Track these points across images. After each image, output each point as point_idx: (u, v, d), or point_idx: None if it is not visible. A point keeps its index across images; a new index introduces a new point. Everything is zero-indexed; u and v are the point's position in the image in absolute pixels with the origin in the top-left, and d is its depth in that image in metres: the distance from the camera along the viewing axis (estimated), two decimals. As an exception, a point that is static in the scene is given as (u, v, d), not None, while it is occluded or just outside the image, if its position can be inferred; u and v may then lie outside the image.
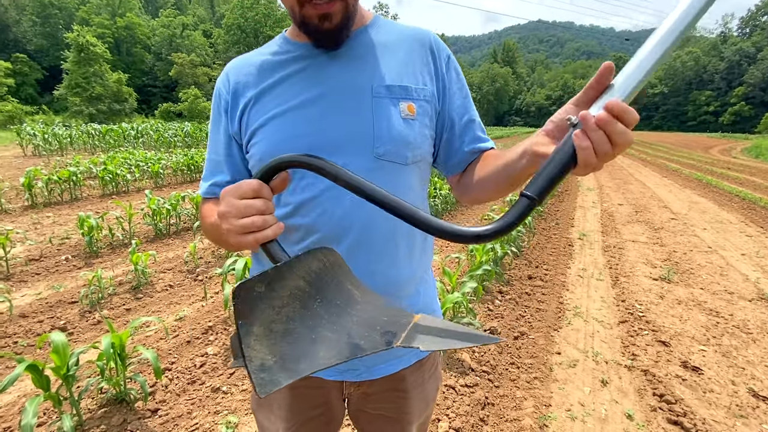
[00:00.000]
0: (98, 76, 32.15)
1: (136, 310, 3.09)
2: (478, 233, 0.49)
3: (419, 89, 0.74)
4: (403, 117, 0.71)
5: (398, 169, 0.72)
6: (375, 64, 0.73)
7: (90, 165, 8.52)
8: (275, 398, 0.83)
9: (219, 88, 0.79)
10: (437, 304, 0.89)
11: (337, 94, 0.71)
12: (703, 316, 3.17)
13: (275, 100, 0.72)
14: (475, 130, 0.81)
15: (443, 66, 0.78)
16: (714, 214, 7.11)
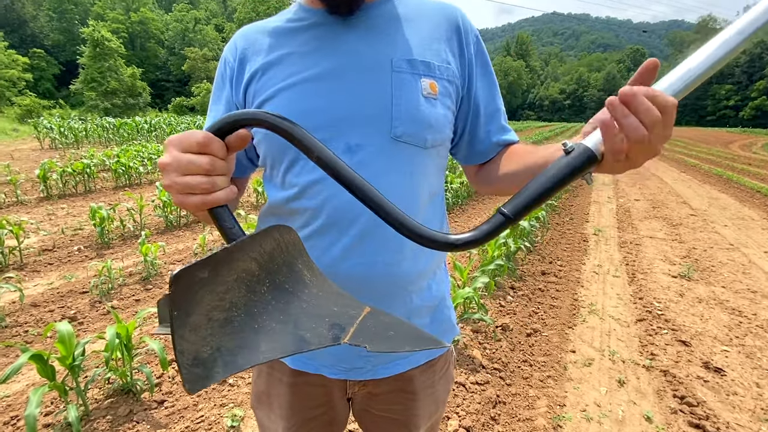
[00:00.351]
0: (113, 70, 32.60)
1: (146, 301, 3.09)
2: (452, 241, 0.47)
3: (443, 67, 0.67)
4: (424, 95, 0.64)
5: (416, 153, 0.65)
6: (396, 37, 0.66)
7: (104, 158, 8.62)
8: (275, 395, 0.78)
9: (226, 56, 0.72)
10: (449, 302, 0.82)
11: (353, 67, 0.64)
12: (725, 316, 3.04)
13: (286, 71, 0.65)
14: (501, 119, 0.74)
15: (471, 46, 0.71)
16: (735, 211, 6.88)
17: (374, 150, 0.63)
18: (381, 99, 0.63)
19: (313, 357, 0.73)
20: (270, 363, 0.77)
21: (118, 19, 42.98)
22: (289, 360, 0.74)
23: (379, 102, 0.63)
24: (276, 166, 0.68)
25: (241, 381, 2.19)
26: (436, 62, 0.66)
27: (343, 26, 0.67)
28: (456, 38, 0.70)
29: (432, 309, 0.76)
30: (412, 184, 0.66)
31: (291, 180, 0.66)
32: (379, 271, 0.66)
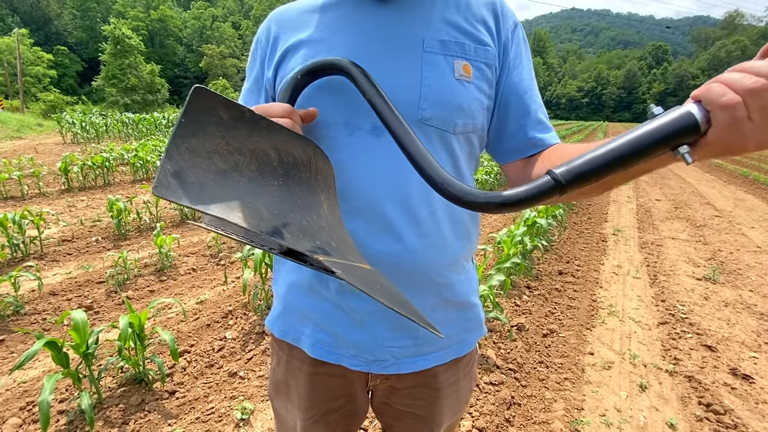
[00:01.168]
0: (133, 67, 33.27)
1: (160, 292, 3.12)
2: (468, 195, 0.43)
3: (479, 49, 0.63)
4: (456, 77, 0.60)
5: (444, 138, 0.61)
6: (431, 16, 0.63)
7: (122, 152, 8.79)
8: (294, 386, 0.74)
9: (259, 36, 0.71)
10: (477, 298, 0.76)
11: (383, 45, 0.61)
12: (753, 321, 2.91)
13: (315, 48, 0.63)
14: (538, 113, 0.67)
15: (509, 32, 0.66)
16: (762, 212, 6.61)
17: None
18: (409, 80, 0.59)
19: (335, 346, 0.69)
20: (289, 350, 0.74)
21: (138, 17, 43.83)
22: (309, 349, 0.70)
23: (407, 83, 0.59)
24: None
25: (251, 374, 2.18)
26: (472, 44, 0.62)
27: (374, 3, 0.64)
28: (494, 22, 0.65)
29: (461, 304, 0.71)
30: None
31: None
32: (407, 259, 0.62)
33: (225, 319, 2.73)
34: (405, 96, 0.59)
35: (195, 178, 0.41)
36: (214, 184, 0.42)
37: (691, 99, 0.38)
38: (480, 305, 0.77)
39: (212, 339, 2.49)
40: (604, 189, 0.55)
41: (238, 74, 44.45)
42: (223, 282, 3.31)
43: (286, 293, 0.73)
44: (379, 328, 0.65)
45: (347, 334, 0.67)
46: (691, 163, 0.37)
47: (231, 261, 3.76)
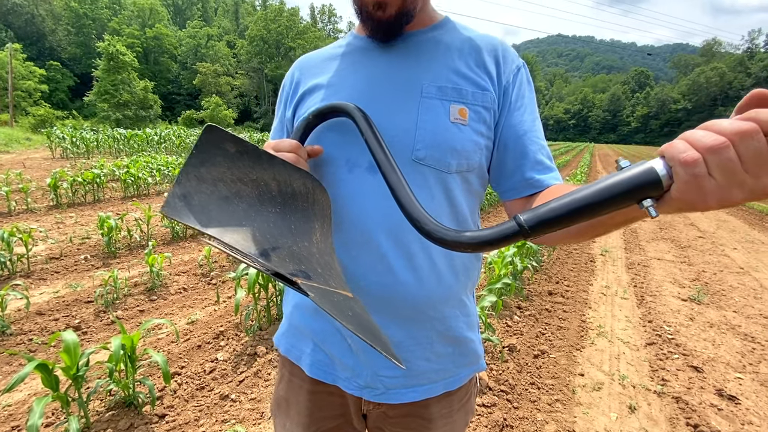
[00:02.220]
0: (126, 83, 33.30)
1: (150, 312, 3.08)
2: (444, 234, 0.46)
3: (477, 93, 0.67)
4: (452, 121, 0.64)
5: (439, 177, 0.65)
6: (431, 63, 0.68)
7: (113, 168, 8.74)
8: (294, 402, 0.77)
9: (284, 82, 0.81)
10: (477, 334, 0.78)
11: (386, 90, 0.67)
12: (737, 341, 2.98)
13: (328, 92, 0.70)
14: (537, 154, 0.68)
15: (510, 76, 0.70)
16: (744, 234, 6.81)
17: None
18: (406, 122, 0.64)
19: (332, 367, 0.72)
20: (291, 367, 0.77)
21: (133, 35, 44.19)
22: (308, 368, 0.73)
23: (405, 125, 0.64)
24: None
25: (243, 397, 2.16)
26: (469, 89, 0.66)
27: (381, 52, 0.70)
28: (497, 66, 0.69)
29: (456, 340, 0.72)
30: (434, 206, 0.65)
31: None
32: (401, 292, 0.65)
33: (216, 340, 2.70)
34: (402, 137, 0.64)
35: (199, 201, 0.46)
36: (215, 208, 0.47)
37: (658, 154, 0.39)
38: (478, 340, 0.78)
39: (203, 360, 2.46)
40: (578, 238, 0.56)
41: (231, 91, 44.81)
42: (214, 302, 3.28)
43: (291, 312, 0.77)
44: (374, 356, 0.68)
45: (343, 356, 0.70)
46: (656, 216, 0.38)
47: (222, 281, 3.74)
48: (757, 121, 0.32)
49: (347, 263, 0.66)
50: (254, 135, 24.12)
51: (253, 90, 48.53)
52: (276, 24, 45.45)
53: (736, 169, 0.33)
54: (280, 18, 46.01)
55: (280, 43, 45.83)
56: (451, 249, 0.47)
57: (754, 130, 0.32)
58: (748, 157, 0.33)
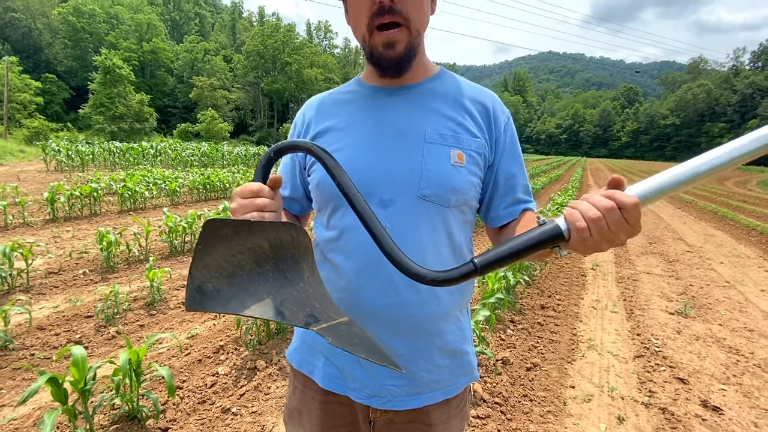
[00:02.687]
0: (122, 96, 33.44)
1: (150, 327, 3.12)
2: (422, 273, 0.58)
3: (471, 140, 0.78)
4: (452, 164, 0.75)
5: (441, 211, 0.76)
6: (432, 112, 0.79)
7: (110, 182, 8.78)
8: (306, 412, 0.85)
9: (296, 121, 0.90)
10: (471, 347, 0.88)
11: (393, 136, 0.77)
12: (722, 354, 3.08)
13: (338, 135, 0.79)
14: (518, 192, 0.83)
15: (501, 127, 0.82)
16: (731, 248, 6.98)
17: (403, 205, 0.74)
18: (412, 164, 0.75)
19: (342, 379, 0.80)
20: (304, 380, 0.86)
21: (130, 48, 44.52)
22: (320, 380, 0.82)
23: (411, 167, 0.75)
24: (323, 210, 0.82)
25: (244, 410, 2.21)
26: (465, 136, 0.78)
27: (388, 100, 0.80)
28: (487, 118, 0.81)
29: (453, 352, 0.82)
30: (435, 237, 0.76)
31: (334, 223, 0.79)
32: (404, 312, 0.75)
33: (216, 354, 2.75)
34: (410, 177, 0.74)
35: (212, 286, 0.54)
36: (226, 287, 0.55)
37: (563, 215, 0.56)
38: (472, 352, 0.88)
39: (204, 375, 2.51)
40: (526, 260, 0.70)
41: (227, 105, 45.09)
42: (213, 317, 3.33)
43: (303, 331, 0.86)
44: (380, 369, 0.77)
45: (353, 369, 0.79)
46: (564, 256, 0.56)
47: (221, 294, 3.78)
48: (615, 200, 0.51)
49: (358, 287, 0.75)
50: (250, 148, 24.23)
51: (249, 103, 48.91)
52: (272, 39, 46.11)
53: (606, 232, 0.51)
54: (277, 34, 46.72)
55: (276, 57, 46.42)
56: (423, 284, 0.59)
57: (614, 207, 0.51)
58: (611, 224, 0.51)
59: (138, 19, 47.68)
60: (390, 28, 0.72)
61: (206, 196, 9.46)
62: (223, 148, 21.17)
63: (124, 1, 50.82)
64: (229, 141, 38.49)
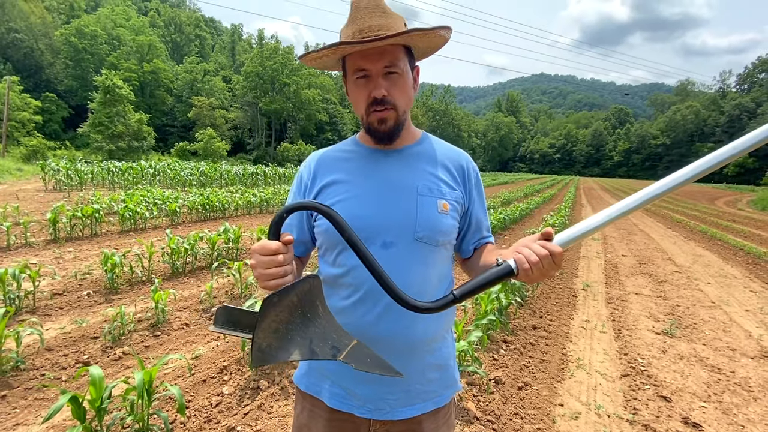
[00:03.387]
0: (121, 115, 33.83)
1: (154, 348, 3.22)
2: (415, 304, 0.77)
3: (452, 193, 0.99)
4: (439, 211, 0.94)
5: (430, 249, 0.94)
6: (421, 171, 0.98)
7: (111, 202, 8.91)
8: (314, 427, 1.00)
9: (302, 172, 1.06)
10: (455, 362, 1.06)
11: (391, 190, 0.95)
12: (704, 372, 3.22)
13: (343, 187, 0.97)
14: (483, 231, 1.07)
15: (472, 181, 1.05)
16: (718, 268, 7.18)
17: (402, 247, 0.92)
18: (409, 213, 0.93)
19: (347, 398, 0.96)
20: (312, 401, 1.01)
21: (131, 69, 45.30)
22: (327, 400, 0.97)
23: (408, 215, 0.93)
24: (330, 250, 0.98)
25: (248, 429, 2.31)
26: (447, 189, 0.98)
27: (384, 160, 0.99)
28: (463, 174, 1.03)
29: (441, 367, 1.00)
30: (427, 272, 0.94)
31: (341, 261, 0.95)
32: (400, 334, 0.91)
33: (220, 374, 2.86)
34: (407, 223, 0.92)
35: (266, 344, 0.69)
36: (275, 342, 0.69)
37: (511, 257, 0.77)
38: (455, 366, 1.06)
39: (209, 394, 2.61)
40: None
41: (225, 124, 45.65)
42: (216, 337, 3.44)
43: None
44: (379, 385, 0.94)
45: (356, 388, 0.95)
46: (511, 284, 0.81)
47: (223, 315, 3.89)
48: (549, 250, 0.74)
49: (362, 314, 0.92)
50: (248, 167, 24.50)
51: (247, 123, 49.55)
52: (271, 61, 47.13)
53: (542, 270, 0.75)
54: (276, 56, 47.79)
55: (275, 78, 47.35)
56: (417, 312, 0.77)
57: (548, 255, 0.74)
58: (546, 266, 0.74)
59: (139, 40, 48.68)
60: (383, 110, 0.92)
61: (205, 216, 9.59)
62: (221, 168, 21.42)
63: (126, 24, 51.92)
64: (227, 159, 38.80)
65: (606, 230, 11.13)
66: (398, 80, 0.92)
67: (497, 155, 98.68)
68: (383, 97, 0.90)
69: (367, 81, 0.91)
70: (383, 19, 0.88)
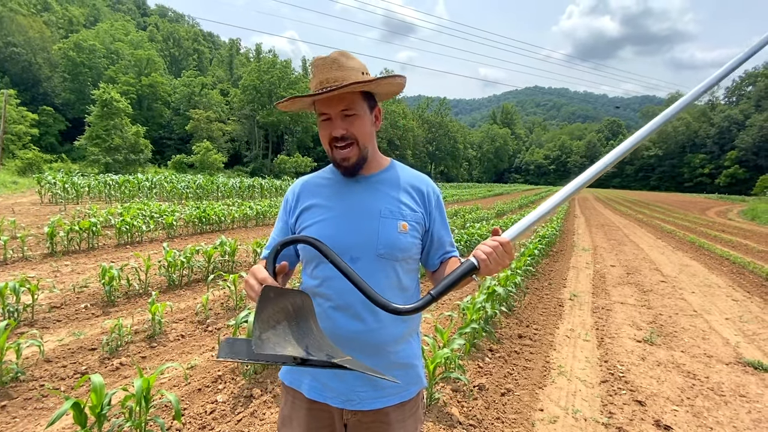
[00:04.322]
0: (118, 128, 34.02)
1: (151, 358, 3.33)
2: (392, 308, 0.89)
3: (412, 214, 1.14)
4: (398, 231, 1.10)
5: (392, 264, 1.10)
6: (384, 195, 1.15)
7: (108, 216, 9.01)
8: (296, 417, 1.14)
9: (287, 196, 1.24)
10: (420, 361, 1.20)
11: (357, 213, 1.12)
12: (680, 378, 3.37)
13: (318, 210, 1.14)
14: (446, 246, 1.21)
15: (432, 203, 1.20)
16: (703, 278, 7.36)
17: (367, 261, 1.08)
18: (372, 233, 1.09)
19: (323, 391, 1.10)
20: (294, 393, 1.15)
21: (129, 82, 45.70)
22: (306, 392, 1.12)
23: (371, 235, 1.09)
24: (309, 263, 1.14)
25: (241, 434, 2.42)
26: (407, 211, 1.14)
27: (355, 187, 1.16)
28: (423, 197, 1.19)
29: (405, 365, 1.14)
30: (389, 282, 1.09)
31: (317, 273, 1.11)
32: (370, 336, 1.07)
33: (215, 383, 2.97)
34: (369, 241, 1.08)
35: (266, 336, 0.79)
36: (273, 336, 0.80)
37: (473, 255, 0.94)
38: (421, 365, 1.20)
39: (204, 402, 2.72)
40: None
41: (223, 137, 45.98)
42: (212, 348, 3.55)
43: None
44: (352, 380, 1.08)
45: (331, 382, 1.10)
46: (477, 281, 0.95)
47: (218, 327, 4.01)
48: (498, 242, 0.92)
49: (336, 318, 1.07)
50: (245, 180, 24.67)
51: (244, 135, 49.95)
52: (269, 75, 47.79)
53: (497, 259, 0.92)
54: (273, 69, 48.49)
55: (272, 92, 47.92)
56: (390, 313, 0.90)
57: (498, 245, 0.92)
58: (499, 255, 0.92)
59: (138, 54, 49.24)
60: (344, 147, 1.09)
61: (202, 229, 9.70)
62: (218, 180, 21.56)
63: (125, 38, 52.58)
64: (224, 172, 38.99)
65: (597, 241, 11.34)
66: (356, 120, 1.09)
67: (493, 166, 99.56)
68: (342, 135, 1.07)
69: (329, 123, 1.09)
70: (339, 72, 1.05)
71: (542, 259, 8.02)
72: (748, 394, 3.12)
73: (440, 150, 74.60)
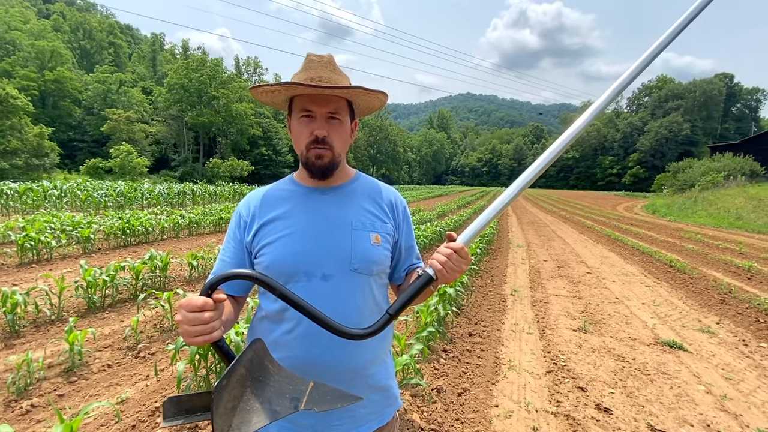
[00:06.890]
0: (16, 129, 29.77)
1: (71, 396, 2.90)
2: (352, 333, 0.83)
3: (383, 226, 1.09)
4: (372, 244, 1.04)
5: (366, 278, 1.04)
6: (356, 207, 1.08)
7: (6, 230, 7.77)
8: None
9: (240, 211, 1.10)
10: (394, 381, 1.15)
11: (328, 226, 1.03)
12: (612, 362, 3.69)
13: (282, 224, 1.03)
14: (412, 258, 1.19)
15: (400, 215, 1.16)
16: (620, 267, 8.20)
17: (341, 277, 1.00)
18: (344, 246, 1.02)
19: (294, 429, 1.00)
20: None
21: (29, 77, 40.24)
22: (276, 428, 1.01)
23: (344, 248, 1.02)
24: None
25: (187, 471, 2.18)
26: (379, 223, 1.08)
27: (320, 198, 1.07)
28: (392, 209, 1.14)
29: (381, 388, 1.08)
30: (365, 298, 1.03)
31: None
32: (343, 363, 0.99)
33: (152, 417, 2.65)
34: (343, 255, 1.01)
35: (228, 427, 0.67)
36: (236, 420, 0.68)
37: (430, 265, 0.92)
38: (396, 385, 1.15)
39: (140, 439, 2.42)
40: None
41: (146, 138, 42.20)
42: (146, 377, 3.18)
43: None
44: (327, 413, 0.99)
45: (303, 419, 1.01)
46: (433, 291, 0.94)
47: (152, 353, 3.61)
48: (452, 249, 0.90)
49: (308, 346, 0.98)
50: (174, 186, 22.84)
51: (171, 137, 46.22)
52: (198, 73, 44.74)
53: (452, 267, 0.90)
54: (203, 68, 45.49)
55: (202, 91, 44.89)
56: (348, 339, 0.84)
57: (452, 252, 0.90)
58: (454, 262, 0.90)
59: (39, 45, 43.53)
60: (321, 149, 1.01)
61: (126, 242, 8.77)
62: (142, 187, 19.72)
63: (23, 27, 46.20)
64: (148, 177, 35.79)
65: (529, 238, 12.16)
66: (338, 126, 1.03)
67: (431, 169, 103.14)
68: (324, 137, 1.00)
69: (311, 121, 1.01)
70: (333, 74, 1.00)
71: (484, 257, 8.40)
72: (668, 372, 3.50)
73: (381, 153, 75.39)
